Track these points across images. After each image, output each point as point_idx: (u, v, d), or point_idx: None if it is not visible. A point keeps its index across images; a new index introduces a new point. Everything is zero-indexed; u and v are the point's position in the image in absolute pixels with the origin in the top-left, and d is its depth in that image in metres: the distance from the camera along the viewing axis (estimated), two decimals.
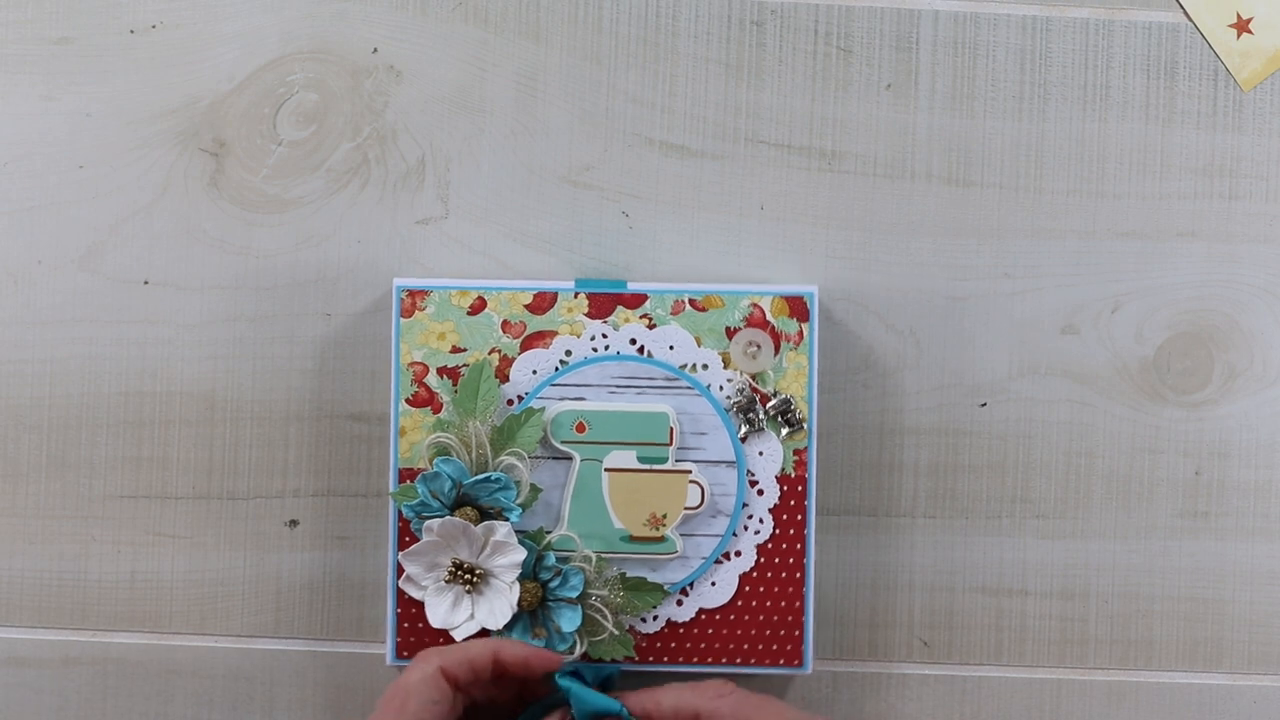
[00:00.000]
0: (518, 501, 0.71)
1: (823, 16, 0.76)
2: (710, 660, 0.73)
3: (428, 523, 0.70)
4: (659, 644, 0.73)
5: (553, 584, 0.71)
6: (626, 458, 0.73)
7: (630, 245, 0.76)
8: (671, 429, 0.73)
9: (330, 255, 0.76)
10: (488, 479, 0.71)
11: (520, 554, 0.70)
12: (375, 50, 0.76)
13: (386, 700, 0.67)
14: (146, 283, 0.76)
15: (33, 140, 0.75)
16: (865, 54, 0.76)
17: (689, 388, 0.73)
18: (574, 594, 0.71)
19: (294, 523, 0.76)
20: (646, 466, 0.73)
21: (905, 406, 0.77)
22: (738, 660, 0.73)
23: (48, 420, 0.76)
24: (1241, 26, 0.77)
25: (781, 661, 0.73)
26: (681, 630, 0.74)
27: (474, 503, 0.71)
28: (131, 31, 0.75)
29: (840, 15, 0.76)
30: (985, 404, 0.77)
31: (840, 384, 0.76)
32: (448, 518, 0.70)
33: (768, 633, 0.73)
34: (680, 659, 0.73)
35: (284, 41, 0.75)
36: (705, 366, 0.73)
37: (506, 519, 0.71)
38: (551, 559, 0.72)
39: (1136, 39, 0.77)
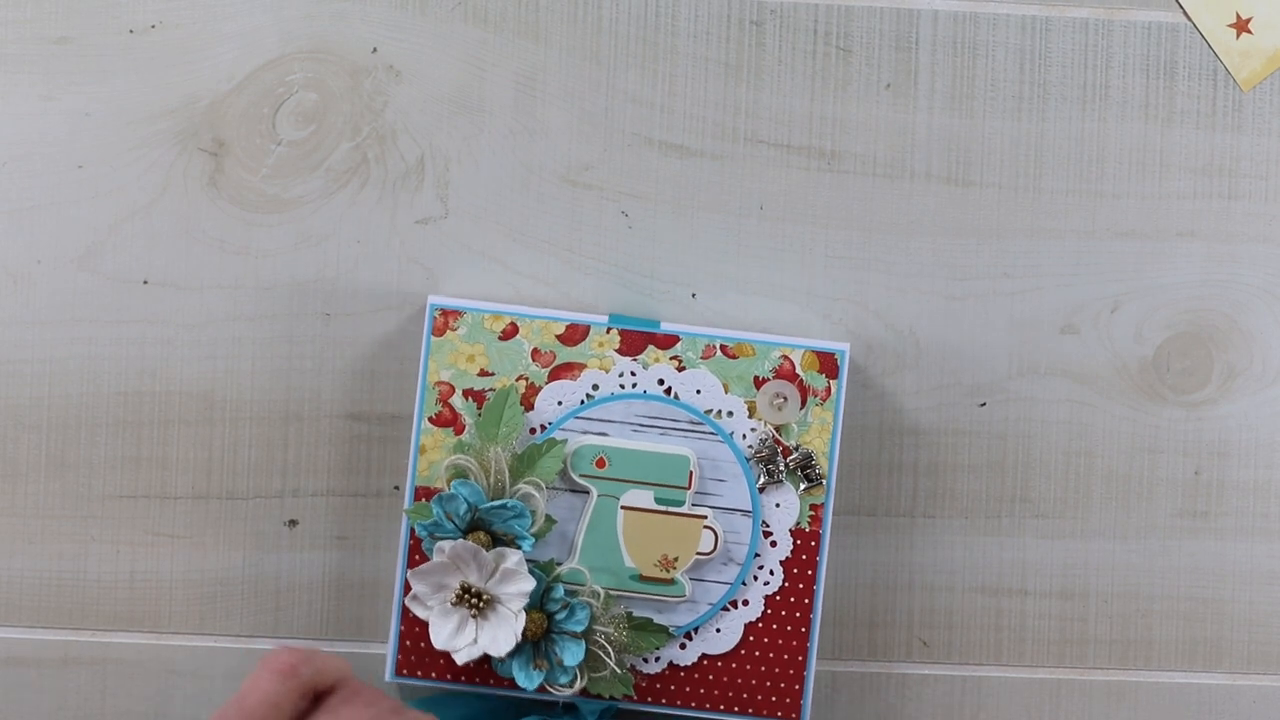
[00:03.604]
0: (531, 531, 0.71)
1: (822, 16, 0.76)
2: (708, 706, 0.73)
3: (440, 544, 0.70)
4: (659, 685, 0.73)
5: (559, 616, 0.71)
6: (644, 497, 0.72)
7: (629, 245, 0.76)
8: (691, 473, 0.72)
9: (330, 255, 0.76)
10: (503, 506, 0.70)
11: (529, 584, 0.70)
12: (375, 50, 0.75)
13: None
14: (146, 283, 0.76)
15: (32, 140, 0.75)
16: (865, 54, 0.76)
17: (712, 433, 0.73)
18: (579, 628, 0.71)
19: (294, 523, 0.76)
20: (663, 508, 0.72)
21: (905, 406, 0.77)
22: (735, 709, 0.73)
23: (47, 420, 0.76)
24: (1241, 26, 0.77)
25: (779, 714, 0.73)
26: (683, 674, 0.73)
27: (488, 528, 0.71)
28: (131, 31, 0.75)
29: (840, 15, 0.76)
30: (984, 404, 0.77)
31: None
32: (460, 541, 0.70)
33: (768, 684, 0.73)
34: (678, 702, 0.73)
35: (283, 41, 0.75)
36: (730, 414, 0.73)
37: (519, 547, 0.70)
38: (560, 591, 0.71)
39: (1136, 39, 0.77)
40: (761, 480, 0.73)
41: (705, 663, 0.73)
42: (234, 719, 0.63)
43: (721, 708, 0.73)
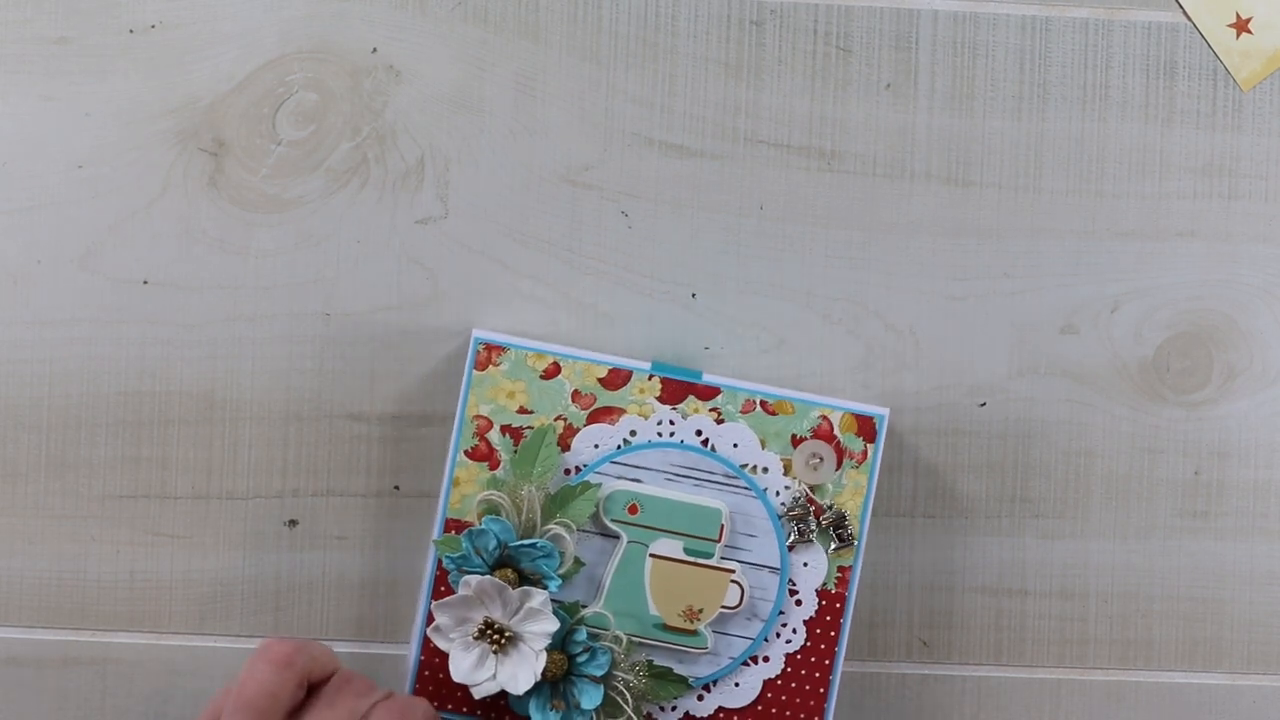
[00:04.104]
0: (559, 571, 0.70)
1: (822, 16, 0.76)
2: None
3: (466, 578, 0.70)
4: None
5: (580, 659, 0.71)
6: (673, 547, 0.72)
7: (629, 245, 0.76)
8: (722, 526, 0.72)
9: (330, 255, 0.76)
10: (533, 545, 0.70)
11: (553, 624, 0.70)
12: (375, 50, 0.75)
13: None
14: (146, 283, 0.76)
15: (32, 140, 0.75)
16: (865, 54, 0.76)
17: (746, 488, 0.73)
18: (599, 673, 0.71)
19: (293, 522, 0.76)
20: (691, 559, 0.72)
21: (905, 406, 0.77)
22: None
23: (47, 420, 0.76)
24: (1241, 26, 0.77)
25: None
26: None
27: (515, 565, 0.71)
28: (131, 31, 0.75)
29: (840, 15, 0.76)
30: (984, 404, 0.77)
31: (840, 384, 0.76)
32: (487, 576, 0.70)
33: None
34: None
35: (283, 41, 0.75)
36: (765, 470, 0.73)
37: (545, 587, 0.70)
38: (583, 634, 0.71)
39: (1136, 39, 0.77)
40: (792, 538, 0.73)
41: (721, 715, 0.73)
42: (232, 709, 0.63)
43: None
